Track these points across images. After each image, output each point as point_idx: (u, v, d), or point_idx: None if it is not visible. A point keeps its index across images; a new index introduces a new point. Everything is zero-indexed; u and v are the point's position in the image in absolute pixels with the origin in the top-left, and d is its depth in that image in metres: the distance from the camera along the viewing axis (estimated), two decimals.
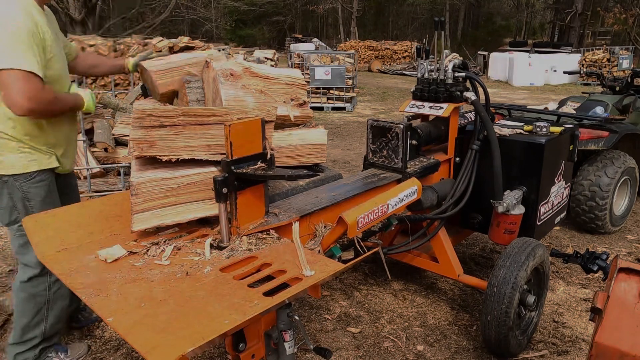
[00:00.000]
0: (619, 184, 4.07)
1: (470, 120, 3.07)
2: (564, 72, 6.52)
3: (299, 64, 11.16)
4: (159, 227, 1.74)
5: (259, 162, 1.76)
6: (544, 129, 2.93)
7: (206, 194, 1.75)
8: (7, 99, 1.91)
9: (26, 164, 2.14)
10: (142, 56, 2.49)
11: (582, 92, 6.28)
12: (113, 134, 4.24)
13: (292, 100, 2.29)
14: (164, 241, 1.73)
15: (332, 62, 11.15)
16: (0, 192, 2.15)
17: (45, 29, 2.04)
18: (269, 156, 1.80)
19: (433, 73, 2.76)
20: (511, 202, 2.74)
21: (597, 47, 18.20)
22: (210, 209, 1.77)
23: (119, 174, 4.13)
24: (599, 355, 1.49)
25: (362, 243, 2.14)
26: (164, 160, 1.69)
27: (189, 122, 1.70)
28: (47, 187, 2.22)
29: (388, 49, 23.70)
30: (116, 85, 7.01)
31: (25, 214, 2.07)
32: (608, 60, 16.50)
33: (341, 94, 11.06)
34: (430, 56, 2.87)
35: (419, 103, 2.82)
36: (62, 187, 2.38)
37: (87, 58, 2.64)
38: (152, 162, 1.72)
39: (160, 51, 7.30)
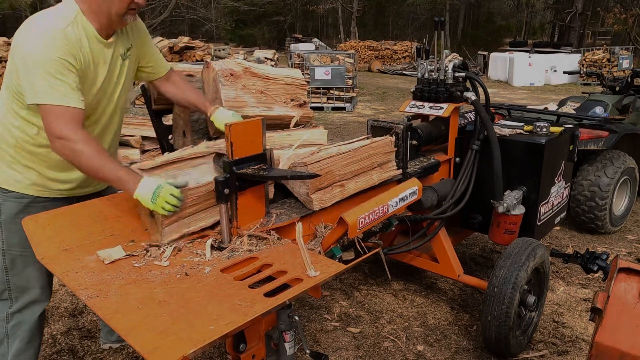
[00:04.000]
0: (618, 184, 4.07)
1: (470, 120, 3.07)
2: (564, 72, 6.52)
3: (299, 64, 11.16)
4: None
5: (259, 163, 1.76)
6: (544, 129, 2.93)
7: None
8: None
9: (10, 181, 1.95)
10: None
11: (582, 92, 6.28)
12: None
13: (292, 100, 2.30)
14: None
15: (332, 62, 11.15)
16: None
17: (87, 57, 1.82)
18: (269, 156, 1.80)
19: (433, 73, 2.76)
20: (511, 202, 2.74)
21: (597, 47, 18.19)
22: None
23: None
24: (599, 355, 1.49)
25: (362, 243, 2.14)
26: None
27: None
28: (24, 205, 1.97)
29: (388, 49, 23.70)
30: None
31: None
32: (608, 60, 16.49)
33: (341, 94, 11.06)
34: (430, 56, 2.87)
35: (419, 103, 2.82)
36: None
37: (176, 82, 2.21)
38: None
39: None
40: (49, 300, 2.18)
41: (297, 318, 1.64)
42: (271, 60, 12.25)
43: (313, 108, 10.21)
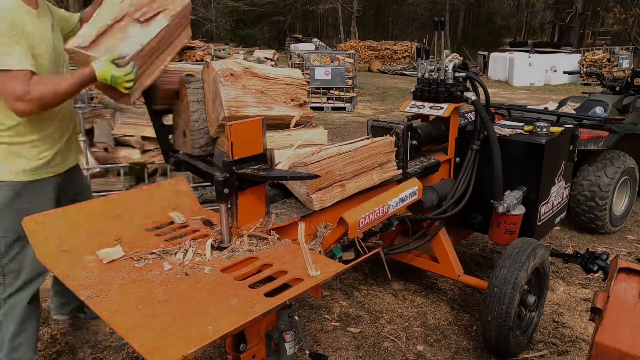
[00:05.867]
0: (618, 184, 4.07)
1: (470, 120, 3.07)
2: (564, 72, 6.52)
3: (299, 64, 11.15)
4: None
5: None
6: (544, 129, 2.93)
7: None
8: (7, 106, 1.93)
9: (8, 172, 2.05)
10: None
11: (582, 92, 6.27)
12: (113, 134, 4.24)
13: (292, 100, 2.30)
14: (164, 247, 1.73)
15: (332, 62, 11.14)
16: None
17: (31, 26, 1.98)
18: (269, 156, 1.80)
19: (433, 73, 2.76)
20: (511, 202, 2.74)
21: (597, 47, 18.19)
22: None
23: (119, 174, 4.13)
24: (599, 355, 1.49)
25: (362, 243, 2.14)
26: None
27: None
28: (16, 192, 2.08)
29: (388, 49, 23.69)
30: None
31: None
32: (608, 60, 16.49)
33: (341, 94, 11.05)
34: (431, 56, 2.87)
35: (419, 103, 2.82)
36: (66, 184, 2.31)
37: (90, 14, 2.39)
38: None
39: None
40: (44, 278, 2.26)
41: (297, 318, 1.64)
42: (271, 60, 12.24)
43: (313, 108, 10.21)
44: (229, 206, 1.71)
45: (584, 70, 12.17)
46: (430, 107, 2.76)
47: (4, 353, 2.20)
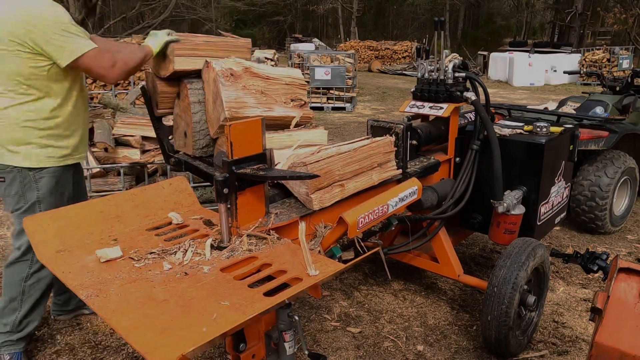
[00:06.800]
0: (619, 184, 4.07)
1: (470, 120, 3.07)
2: (564, 72, 6.52)
3: (299, 64, 11.16)
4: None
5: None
6: (544, 129, 2.93)
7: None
8: (99, 78, 2.25)
9: (43, 159, 2.25)
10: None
11: (582, 92, 6.28)
12: (113, 134, 4.24)
13: (292, 100, 2.30)
14: (163, 249, 1.73)
15: (332, 62, 11.15)
16: (12, 181, 2.24)
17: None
18: (268, 156, 1.80)
19: (433, 73, 2.76)
20: (511, 202, 2.74)
21: (597, 47, 18.20)
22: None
23: (119, 174, 4.13)
24: (599, 355, 1.49)
25: (362, 243, 2.14)
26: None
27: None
28: (56, 178, 2.31)
29: (388, 49, 23.70)
30: (116, 85, 7.00)
31: (32, 203, 2.26)
32: (608, 60, 16.49)
33: (341, 94, 11.06)
34: (430, 56, 2.87)
35: (419, 103, 2.82)
36: (75, 174, 2.49)
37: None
38: None
39: None
40: None
41: (296, 318, 1.64)
42: (271, 60, 12.23)
43: (313, 108, 10.22)
44: (229, 206, 1.71)
45: (584, 70, 12.17)
46: (430, 107, 2.76)
47: (17, 319, 2.37)
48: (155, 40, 2.22)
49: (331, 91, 10.99)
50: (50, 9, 2.11)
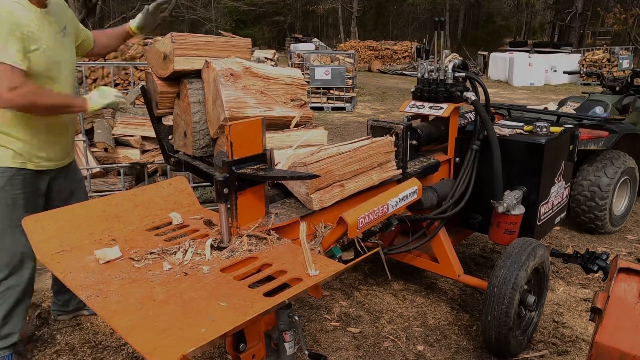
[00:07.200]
0: (618, 184, 4.07)
1: (470, 120, 3.07)
2: (564, 72, 6.52)
3: (299, 64, 11.15)
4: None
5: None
6: (544, 129, 2.93)
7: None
8: None
9: None
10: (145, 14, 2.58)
11: (582, 92, 6.28)
12: (113, 134, 4.24)
13: (292, 100, 2.30)
14: (163, 249, 1.73)
15: (332, 62, 11.15)
16: None
17: (31, 23, 2.05)
18: (268, 157, 1.80)
19: (433, 73, 2.76)
20: (511, 202, 2.74)
21: (597, 47, 18.20)
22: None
23: (119, 174, 4.13)
24: (599, 355, 1.49)
25: (362, 243, 2.14)
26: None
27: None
28: (7, 179, 2.18)
29: (388, 49, 23.70)
30: (116, 85, 6.99)
31: None
32: (608, 60, 16.49)
33: (341, 94, 11.06)
34: (430, 56, 2.87)
35: (419, 103, 2.82)
36: (60, 183, 2.39)
37: (101, 39, 2.64)
38: None
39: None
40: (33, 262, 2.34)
41: (297, 318, 1.64)
42: (271, 60, 12.22)
43: (313, 108, 10.22)
44: (229, 206, 1.71)
45: (584, 70, 12.17)
46: (430, 107, 2.76)
47: None
48: (100, 97, 2.22)
49: (331, 91, 10.99)
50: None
